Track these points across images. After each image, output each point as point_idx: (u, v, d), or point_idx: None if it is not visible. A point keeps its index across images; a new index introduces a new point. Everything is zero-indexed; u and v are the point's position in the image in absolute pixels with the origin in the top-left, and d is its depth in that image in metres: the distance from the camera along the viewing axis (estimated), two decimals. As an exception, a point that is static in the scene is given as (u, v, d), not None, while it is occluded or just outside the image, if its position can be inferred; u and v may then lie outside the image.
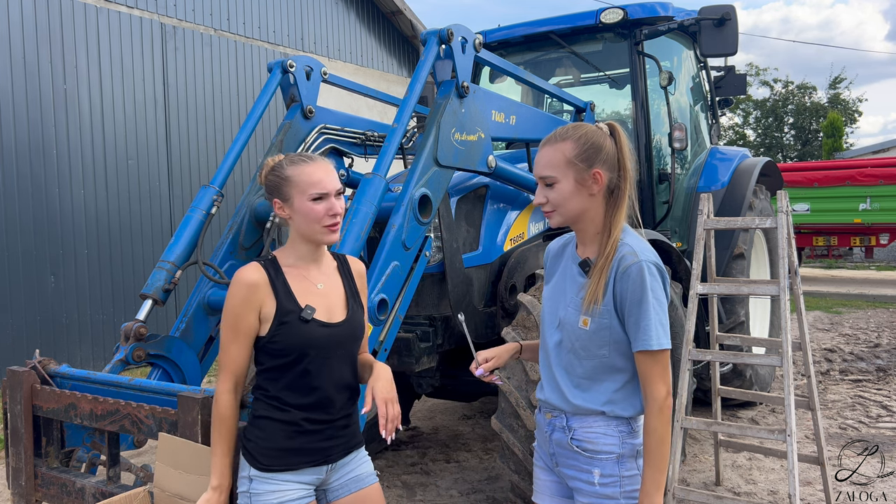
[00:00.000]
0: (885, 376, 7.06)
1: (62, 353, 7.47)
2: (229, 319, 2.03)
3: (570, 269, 2.12)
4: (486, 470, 4.82)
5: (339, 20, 11.41)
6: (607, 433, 2.03)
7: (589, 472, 2.05)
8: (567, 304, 2.07)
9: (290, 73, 3.88)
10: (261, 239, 3.58)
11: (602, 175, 2.00)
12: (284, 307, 2.04)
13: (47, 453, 2.65)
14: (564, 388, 2.07)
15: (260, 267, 2.07)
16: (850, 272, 17.21)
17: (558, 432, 2.10)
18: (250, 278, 2.03)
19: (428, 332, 3.81)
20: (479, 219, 4.08)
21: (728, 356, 4.06)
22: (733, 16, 4.89)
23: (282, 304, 2.04)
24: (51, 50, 7.63)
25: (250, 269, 2.06)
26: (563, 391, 2.07)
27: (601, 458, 2.03)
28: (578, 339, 2.03)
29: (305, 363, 2.05)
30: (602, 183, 2.01)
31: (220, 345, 2.08)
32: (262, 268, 2.07)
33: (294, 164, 2.10)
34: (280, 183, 2.09)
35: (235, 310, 2.02)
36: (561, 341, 2.09)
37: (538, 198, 2.08)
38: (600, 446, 2.04)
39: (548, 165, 2.03)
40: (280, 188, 2.09)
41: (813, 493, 4.30)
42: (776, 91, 31.82)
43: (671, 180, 5.32)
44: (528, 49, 5.67)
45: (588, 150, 2.00)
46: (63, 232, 7.67)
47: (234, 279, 2.04)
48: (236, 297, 2.02)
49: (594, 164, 2.00)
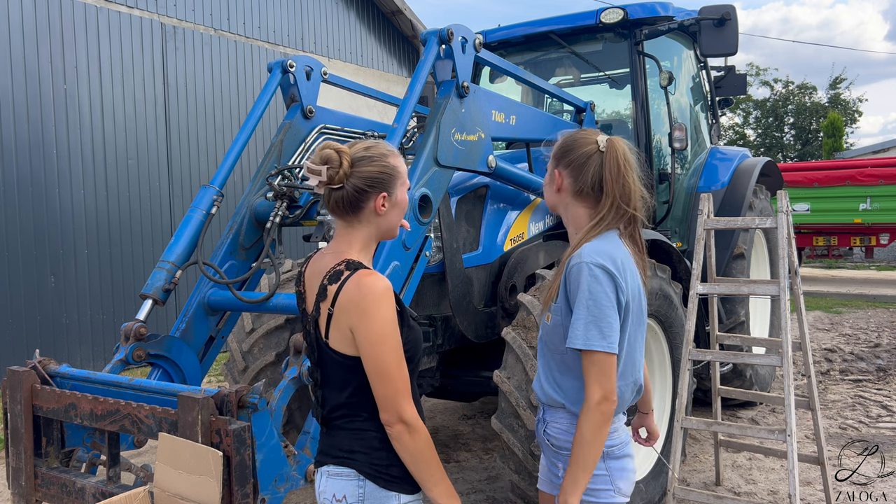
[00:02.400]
0: (886, 376, 7.06)
1: (62, 353, 7.47)
2: (394, 336, 1.82)
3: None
4: (486, 470, 4.82)
5: (339, 20, 11.41)
6: (570, 430, 2.08)
7: (556, 466, 2.14)
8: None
9: (290, 73, 3.88)
10: (261, 239, 3.57)
11: (561, 176, 2.14)
12: (405, 311, 1.92)
13: (47, 453, 2.65)
14: (542, 380, 2.19)
15: (374, 271, 1.89)
16: (851, 272, 17.20)
17: (539, 423, 2.21)
18: (389, 284, 1.86)
19: (428, 332, 3.81)
20: (479, 219, 4.08)
21: (728, 356, 4.06)
22: (733, 16, 4.89)
23: (402, 308, 1.90)
24: (51, 50, 7.63)
25: (376, 276, 1.86)
26: (542, 383, 2.18)
27: (563, 454, 2.10)
28: (546, 334, 2.16)
29: (416, 373, 1.96)
30: (560, 184, 2.15)
31: (380, 375, 1.81)
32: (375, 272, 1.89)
33: (390, 155, 1.96)
34: (391, 175, 1.94)
35: (395, 322, 1.83)
36: (542, 336, 2.21)
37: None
38: (562, 442, 2.11)
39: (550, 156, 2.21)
40: (390, 181, 1.94)
41: (813, 493, 4.30)
42: (776, 91, 31.84)
43: (671, 180, 5.32)
44: (528, 49, 5.67)
45: (560, 149, 2.16)
46: (63, 232, 7.67)
47: (375, 293, 1.81)
48: (392, 309, 1.83)
49: (558, 165, 2.16)
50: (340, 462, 1.88)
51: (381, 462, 1.85)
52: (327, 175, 1.87)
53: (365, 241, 1.96)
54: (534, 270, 4.03)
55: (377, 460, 1.85)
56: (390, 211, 1.95)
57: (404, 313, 1.90)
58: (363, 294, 1.81)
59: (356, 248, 1.94)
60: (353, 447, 1.88)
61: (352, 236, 1.94)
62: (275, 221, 3.38)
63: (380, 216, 1.94)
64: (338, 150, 1.90)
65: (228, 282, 3.23)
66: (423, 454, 1.83)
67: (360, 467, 1.86)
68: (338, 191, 1.89)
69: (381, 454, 1.85)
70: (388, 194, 1.93)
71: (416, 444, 1.82)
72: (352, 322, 1.82)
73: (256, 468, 2.18)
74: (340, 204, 1.91)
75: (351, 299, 1.82)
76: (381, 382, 1.80)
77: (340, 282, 1.84)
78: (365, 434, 1.87)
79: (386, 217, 1.95)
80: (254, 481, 2.13)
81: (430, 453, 1.84)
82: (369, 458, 1.86)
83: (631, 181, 2.10)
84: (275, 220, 3.39)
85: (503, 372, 3.47)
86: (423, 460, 1.83)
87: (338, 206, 1.92)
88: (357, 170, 1.90)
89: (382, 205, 1.92)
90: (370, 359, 1.81)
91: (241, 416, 2.17)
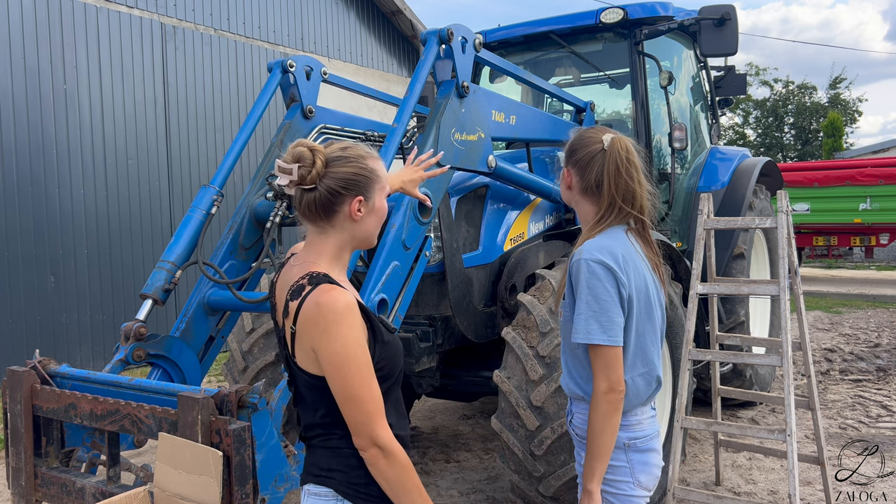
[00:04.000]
0: (886, 376, 7.06)
1: (62, 353, 7.47)
2: (359, 357, 1.68)
3: None
4: (486, 470, 4.82)
5: (339, 20, 11.41)
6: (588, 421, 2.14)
7: (580, 455, 2.17)
8: None
9: (290, 72, 3.88)
10: (261, 239, 3.57)
11: (570, 174, 2.20)
12: (378, 325, 1.79)
13: (47, 453, 2.65)
14: (565, 373, 2.26)
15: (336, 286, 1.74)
16: (850, 272, 17.20)
17: (567, 415, 2.29)
18: (351, 300, 1.72)
19: (428, 332, 3.81)
20: (479, 219, 4.08)
21: (728, 356, 4.06)
22: (733, 16, 4.89)
23: (374, 323, 1.78)
24: (51, 50, 7.63)
25: (337, 291, 1.71)
26: (565, 376, 2.27)
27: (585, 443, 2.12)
28: (563, 330, 2.24)
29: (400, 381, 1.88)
30: (570, 182, 2.21)
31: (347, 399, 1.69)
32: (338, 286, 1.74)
33: (369, 157, 1.83)
34: (368, 178, 1.81)
35: (360, 341, 1.70)
36: (561, 331, 2.27)
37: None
38: (584, 431, 2.14)
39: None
40: (367, 185, 1.81)
41: (813, 493, 4.30)
42: (776, 91, 31.84)
43: (671, 180, 5.31)
44: (528, 49, 5.67)
45: (568, 148, 2.23)
46: (63, 232, 7.67)
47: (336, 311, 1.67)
48: (356, 328, 1.69)
49: (567, 163, 2.22)
50: (320, 481, 1.79)
51: (359, 481, 1.75)
52: (298, 174, 1.75)
53: (336, 250, 1.83)
54: (534, 270, 4.03)
55: (356, 479, 1.75)
56: (367, 217, 1.82)
57: (376, 328, 1.78)
58: (322, 313, 1.67)
59: (326, 257, 1.81)
60: (332, 465, 1.78)
61: (323, 244, 1.82)
62: (275, 221, 3.38)
63: (355, 222, 1.81)
64: (311, 147, 1.78)
65: (228, 282, 3.23)
66: (400, 479, 1.71)
67: (339, 486, 1.76)
68: (310, 192, 1.77)
69: (359, 472, 1.75)
70: (365, 199, 1.80)
71: (393, 469, 1.70)
72: (313, 342, 1.70)
73: (256, 468, 2.18)
74: (312, 207, 1.78)
75: (309, 318, 1.69)
76: (349, 407, 1.69)
77: (301, 298, 1.71)
78: (342, 452, 1.77)
79: (362, 224, 1.82)
80: (254, 481, 2.13)
81: (406, 477, 1.71)
82: (347, 477, 1.76)
83: (633, 180, 2.12)
84: (275, 220, 3.38)
85: (503, 372, 3.47)
86: (400, 485, 1.71)
87: (309, 209, 1.79)
88: (331, 170, 1.77)
89: (358, 209, 1.79)
90: (335, 382, 1.69)
91: (241, 416, 2.17)
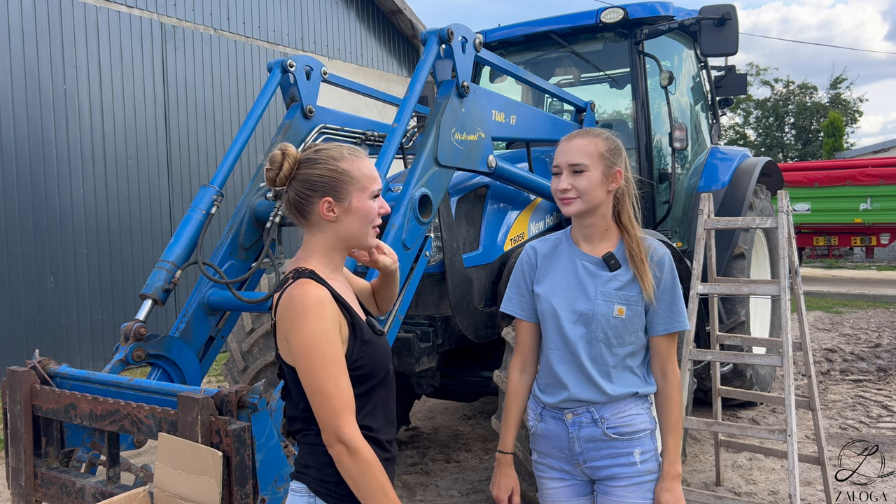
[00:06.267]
0: (886, 376, 7.06)
1: (62, 353, 7.46)
2: (325, 350, 1.68)
3: (579, 265, 2.20)
4: (486, 470, 4.82)
5: (339, 20, 11.41)
6: (639, 412, 2.17)
7: (628, 454, 2.15)
8: (593, 298, 2.16)
9: (289, 72, 3.88)
10: (261, 239, 3.57)
11: (622, 175, 2.18)
12: (360, 324, 1.80)
13: (47, 453, 2.65)
14: (598, 379, 2.14)
15: (315, 282, 1.75)
16: (851, 272, 17.20)
17: (588, 427, 2.16)
18: (324, 294, 1.73)
19: (428, 332, 3.81)
20: (480, 219, 4.07)
21: (728, 356, 4.06)
22: (733, 15, 4.89)
23: (356, 321, 1.79)
24: (51, 49, 7.63)
25: (311, 285, 1.73)
26: (598, 383, 2.15)
27: (639, 437, 2.16)
28: (612, 329, 2.14)
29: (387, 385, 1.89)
30: (619, 182, 2.17)
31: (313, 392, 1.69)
32: (317, 282, 1.76)
33: (348, 158, 1.83)
34: (337, 179, 1.80)
35: (329, 335, 1.69)
36: (587, 334, 2.16)
37: (563, 183, 2.16)
38: (637, 426, 2.16)
39: (581, 154, 2.15)
40: (336, 186, 1.80)
41: (813, 493, 4.30)
42: (777, 91, 31.85)
43: (671, 180, 5.31)
44: (528, 48, 5.67)
45: (616, 149, 2.20)
46: (63, 232, 7.67)
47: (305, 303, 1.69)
48: (325, 321, 1.69)
49: (617, 163, 2.18)
50: (297, 477, 1.82)
51: (330, 479, 1.75)
52: (267, 176, 1.81)
53: (325, 249, 1.85)
54: (534, 270, 4.02)
55: (327, 476, 1.75)
56: (344, 218, 1.82)
57: (357, 326, 1.79)
58: (293, 305, 1.70)
59: (316, 255, 1.84)
60: (308, 461, 1.80)
61: (312, 243, 1.85)
62: (275, 221, 3.38)
63: (332, 223, 1.82)
64: (283, 150, 1.80)
65: (228, 282, 3.23)
66: (365, 477, 1.69)
67: (311, 483, 1.78)
68: (286, 194, 1.82)
69: (330, 470, 1.74)
70: (335, 199, 1.79)
71: (358, 467, 1.68)
72: (287, 333, 1.73)
73: (256, 468, 2.17)
74: (290, 207, 1.84)
75: (283, 310, 1.73)
76: (315, 400, 1.69)
77: (282, 290, 1.76)
78: (317, 448, 1.76)
79: (340, 224, 1.82)
80: (254, 481, 2.13)
81: (371, 475, 1.69)
82: (320, 474, 1.77)
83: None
84: (275, 220, 3.38)
85: (503, 372, 3.47)
86: (365, 484, 1.69)
87: (288, 209, 1.84)
88: (300, 172, 1.80)
89: (329, 210, 1.80)
90: (302, 374, 1.70)
91: (240, 416, 2.16)
